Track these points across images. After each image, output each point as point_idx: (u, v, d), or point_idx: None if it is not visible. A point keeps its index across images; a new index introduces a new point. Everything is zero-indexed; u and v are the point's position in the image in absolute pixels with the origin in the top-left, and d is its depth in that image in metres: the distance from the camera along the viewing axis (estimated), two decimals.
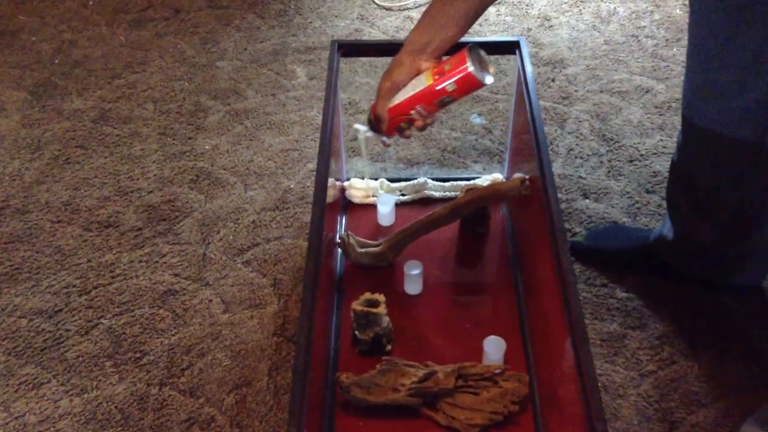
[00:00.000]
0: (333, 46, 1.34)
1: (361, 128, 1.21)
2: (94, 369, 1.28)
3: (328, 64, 1.32)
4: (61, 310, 1.38)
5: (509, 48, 1.34)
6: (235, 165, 1.66)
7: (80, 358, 1.30)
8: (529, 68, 1.26)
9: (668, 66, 1.88)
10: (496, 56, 1.88)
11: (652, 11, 2.05)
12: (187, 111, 1.81)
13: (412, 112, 1.10)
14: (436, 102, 1.09)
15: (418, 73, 1.09)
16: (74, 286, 1.42)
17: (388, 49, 1.32)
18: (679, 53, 1.90)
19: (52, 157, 1.69)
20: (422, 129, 1.13)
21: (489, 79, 1.07)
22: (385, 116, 1.12)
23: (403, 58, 1.09)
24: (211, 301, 1.38)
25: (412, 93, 1.09)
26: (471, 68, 1.04)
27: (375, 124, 1.15)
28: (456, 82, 1.06)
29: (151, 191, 1.61)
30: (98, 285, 1.42)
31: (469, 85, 1.07)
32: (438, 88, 1.07)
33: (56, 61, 1.98)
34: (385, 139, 1.19)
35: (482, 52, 1.08)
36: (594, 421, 0.83)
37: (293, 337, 1.31)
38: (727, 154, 1.13)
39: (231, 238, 1.50)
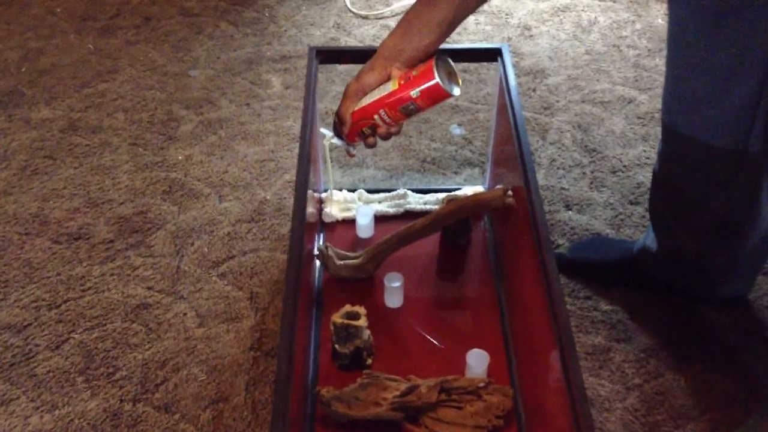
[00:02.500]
0: (311, 52, 1.31)
1: (327, 133, 1.19)
2: (65, 385, 1.24)
3: (306, 70, 1.30)
4: (30, 325, 1.32)
5: (491, 55, 1.33)
6: (209, 176, 1.62)
7: (51, 374, 1.25)
8: (511, 75, 1.25)
9: (650, 76, 1.88)
10: (477, 65, 1.88)
11: (633, 21, 2.06)
12: (159, 121, 1.77)
13: (375, 117, 1.08)
14: (399, 109, 1.06)
15: (388, 79, 1.07)
16: (44, 299, 1.37)
17: (368, 55, 1.30)
18: (661, 63, 1.91)
19: (19, 168, 1.64)
20: (386, 137, 1.11)
21: (456, 91, 1.05)
22: (347, 119, 1.10)
23: (374, 63, 1.07)
24: (185, 314, 1.34)
25: (377, 97, 1.07)
26: (437, 77, 1.02)
27: (339, 127, 1.13)
28: (421, 90, 1.03)
29: (123, 202, 1.56)
30: (68, 299, 1.37)
31: (435, 95, 1.04)
32: (402, 94, 1.05)
33: (23, 70, 1.92)
34: (350, 148, 1.16)
35: (451, 63, 1.06)
36: None
37: (271, 352, 1.27)
38: (708, 162, 1.12)
39: (206, 250, 1.46)
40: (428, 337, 1.22)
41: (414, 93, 1.04)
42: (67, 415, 1.19)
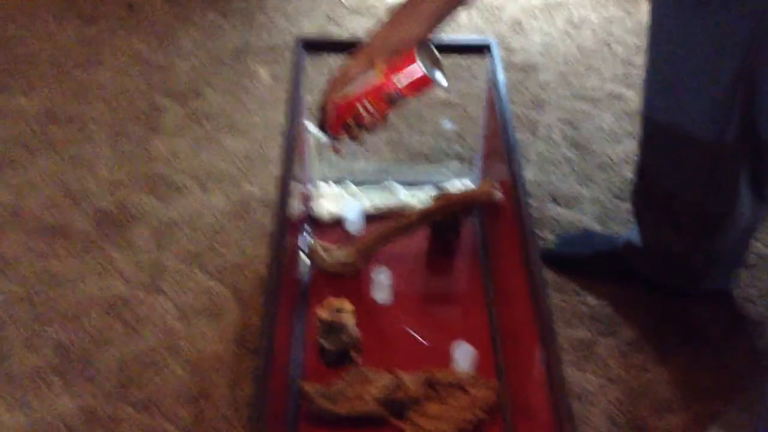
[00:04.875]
0: (298, 42, 1.29)
1: (310, 126, 1.17)
2: (40, 383, 1.20)
3: (292, 61, 1.27)
4: (4, 322, 1.29)
5: (479, 50, 1.31)
6: (194, 168, 1.59)
7: (25, 372, 1.22)
8: (500, 70, 1.24)
9: (639, 73, 1.86)
10: (469, 61, 1.86)
11: (623, 18, 2.05)
12: (142, 112, 1.73)
13: (359, 106, 1.05)
14: (383, 96, 1.04)
15: (371, 69, 1.05)
16: (17, 295, 1.33)
17: (356, 46, 1.28)
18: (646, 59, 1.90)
19: None
20: (371, 129, 1.08)
21: (440, 77, 1.03)
22: (331, 110, 1.07)
23: (359, 54, 1.05)
24: (166, 310, 1.31)
25: (360, 86, 1.05)
26: (419, 61, 1.00)
27: (321, 117, 1.10)
28: (403, 75, 1.01)
29: (103, 195, 1.52)
30: (43, 294, 1.33)
31: (417, 80, 1.02)
32: (384, 81, 1.03)
33: (2, 57, 1.88)
34: (335, 143, 1.13)
35: (435, 50, 1.04)
36: (564, 428, 0.80)
37: (254, 348, 1.25)
38: (686, 153, 1.13)
39: (188, 244, 1.43)
40: (414, 334, 1.20)
41: (396, 79, 1.02)
42: (42, 414, 1.16)
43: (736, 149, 1.09)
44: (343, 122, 1.08)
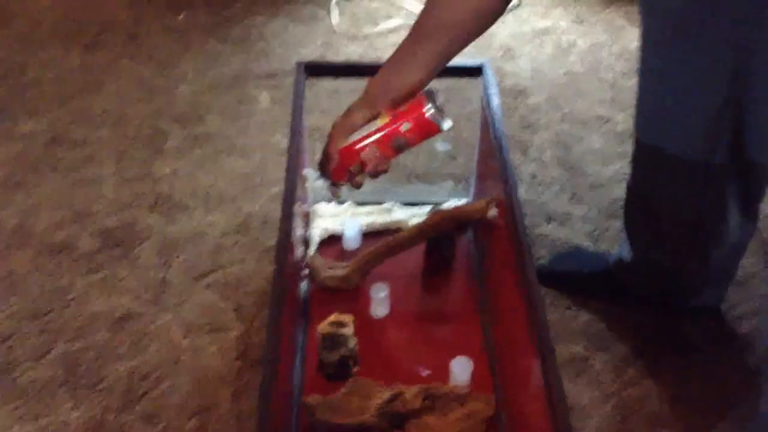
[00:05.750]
0: (299, 66, 1.34)
1: (311, 174, 1.16)
2: (47, 395, 1.23)
3: (293, 84, 1.32)
4: (12, 335, 1.32)
5: (473, 72, 1.36)
6: (196, 189, 1.63)
7: (33, 384, 1.25)
8: (494, 90, 1.27)
9: (626, 97, 1.92)
10: (462, 83, 1.90)
11: (610, 44, 2.11)
12: (145, 135, 1.78)
13: (364, 154, 1.04)
14: (389, 144, 1.04)
15: (376, 116, 1.04)
16: (26, 310, 1.36)
17: (357, 70, 1.33)
18: (636, 84, 1.95)
19: (1, 181, 1.64)
20: (374, 176, 1.07)
21: (445, 125, 1.04)
22: (335, 156, 1.06)
23: (362, 100, 1.05)
24: (170, 325, 1.34)
25: (365, 133, 1.04)
26: (427, 111, 1.01)
27: (325, 165, 1.09)
28: (411, 123, 1.02)
29: (108, 215, 1.56)
30: (51, 310, 1.37)
31: (425, 129, 1.03)
32: (391, 128, 1.03)
33: (7, 83, 1.93)
34: (334, 188, 1.12)
35: (441, 98, 1.05)
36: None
37: (256, 363, 1.28)
38: (676, 172, 1.16)
39: (191, 262, 1.46)
40: (421, 371, 1.21)
41: (403, 127, 1.02)
42: (50, 425, 1.19)
43: (725, 170, 1.12)
44: (346, 168, 1.07)
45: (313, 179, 1.15)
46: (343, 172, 1.08)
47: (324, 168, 1.09)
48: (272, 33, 2.14)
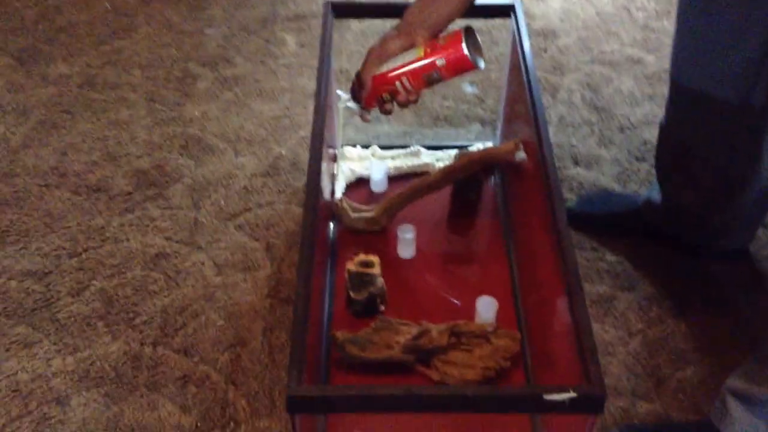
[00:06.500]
0: (327, 6, 1.33)
1: (343, 95, 1.18)
2: (86, 329, 1.28)
3: (321, 24, 1.31)
4: (51, 272, 1.36)
5: (503, 12, 1.34)
6: (225, 131, 1.65)
7: (72, 319, 1.29)
8: (524, 30, 1.26)
9: (658, 38, 1.89)
10: (490, 26, 1.88)
11: None
12: (175, 77, 1.79)
13: (397, 83, 1.06)
14: (423, 76, 1.05)
15: (412, 46, 1.06)
16: (64, 248, 1.41)
17: (385, 10, 1.32)
18: (668, 25, 1.92)
19: (38, 122, 1.67)
20: (404, 105, 1.09)
21: (481, 63, 1.05)
22: (368, 83, 1.08)
23: (399, 29, 1.06)
24: (203, 264, 1.38)
25: (400, 63, 1.06)
26: (465, 48, 1.02)
27: (357, 90, 1.11)
28: (447, 58, 1.03)
29: (140, 156, 1.59)
30: (89, 248, 1.41)
31: (460, 65, 1.04)
32: (427, 61, 1.04)
33: (40, 27, 1.94)
34: (365, 113, 1.14)
35: (478, 37, 1.06)
36: (589, 364, 0.83)
37: (287, 299, 1.31)
38: (711, 115, 1.15)
39: (222, 203, 1.49)
40: (448, 297, 1.24)
41: (440, 62, 1.03)
42: (89, 357, 1.24)
43: (760, 112, 1.11)
44: (378, 96, 1.09)
45: (344, 101, 1.17)
46: (374, 100, 1.10)
47: (356, 93, 1.11)
48: None
